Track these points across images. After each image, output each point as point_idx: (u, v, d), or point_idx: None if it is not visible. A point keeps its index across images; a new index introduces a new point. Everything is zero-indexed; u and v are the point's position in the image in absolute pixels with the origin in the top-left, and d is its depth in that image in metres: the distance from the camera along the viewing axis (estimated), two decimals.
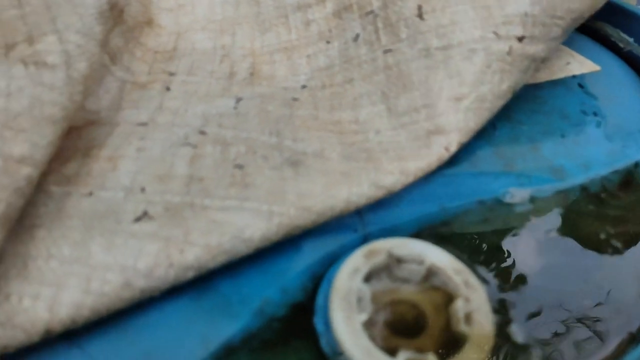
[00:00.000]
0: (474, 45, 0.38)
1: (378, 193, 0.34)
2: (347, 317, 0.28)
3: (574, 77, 0.47)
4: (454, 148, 0.36)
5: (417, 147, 0.36)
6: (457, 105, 0.37)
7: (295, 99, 0.41)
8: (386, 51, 0.40)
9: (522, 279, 0.34)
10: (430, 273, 0.31)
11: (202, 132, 0.36)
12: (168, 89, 0.41)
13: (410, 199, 0.37)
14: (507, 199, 0.37)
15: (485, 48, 0.38)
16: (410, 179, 0.35)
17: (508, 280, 0.34)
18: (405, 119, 0.38)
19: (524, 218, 0.37)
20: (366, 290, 0.30)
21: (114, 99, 0.40)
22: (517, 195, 0.38)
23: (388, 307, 0.31)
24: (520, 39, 0.39)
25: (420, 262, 0.31)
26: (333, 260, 0.34)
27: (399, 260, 0.31)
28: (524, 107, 0.43)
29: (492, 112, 0.38)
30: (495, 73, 0.38)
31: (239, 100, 0.40)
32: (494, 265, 0.35)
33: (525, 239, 0.36)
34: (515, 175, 0.38)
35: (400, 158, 0.36)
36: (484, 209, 0.37)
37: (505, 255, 0.35)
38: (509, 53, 0.38)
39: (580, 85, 0.46)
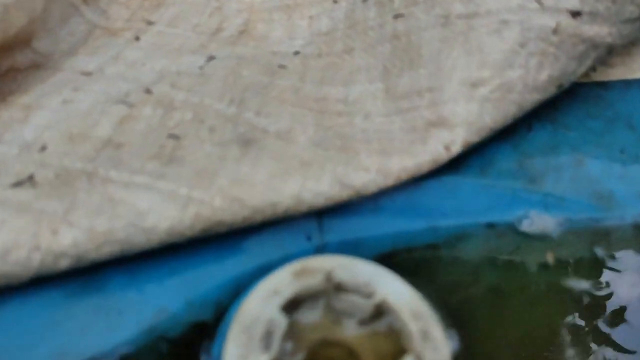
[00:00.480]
0: (507, 15, 0.28)
1: (342, 193, 0.26)
2: (241, 356, 0.21)
3: None
4: (457, 148, 0.27)
5: (409, 140, 0.28)
6: (471, 92, 0.28)
7: (281, 66, 0.33)
8: (397, 16, 0.31)
9: (512, 348, 0.25)
10: (380, 311, 0.23)
11: (148, 91, 0.30)
12: (137, 38, 0.35)
13: (391, 207, 0.28)
14: (525, 226, 0.28)
15: (522, 21, 0.28)
16: (389, 180, 0.27)
17: (491, 344, 0.25)
18: (403, 103, 0.29)
19: (542, 255, 0.27)
20: (281, 322, 0.22)
21: (76, 44, 0.35)
22: (540, 222, 0.28)
23: (314, 349, 0.22)
24: (575, 14, 0.29)
25: (368, 295, 0.23)
26: (268, 273, 0.26)
27: (339, 288, 0.23)
28: (577, 109, 0.33)
29: (523, 108, 0.29)
30: (532, 56, 0.28)
31: (210, 59, 0.33)
32: (478, 318, 0.26)
33: (539, 287, 0.27)
34: (542, 195, 0.28)
35: (384, 152, 0.27)
36: (491, 235, 0.28)
37: (501, 307, 0.26)
38: (556, 31, 0.28)
39: None
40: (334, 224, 0.28)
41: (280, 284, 0.23)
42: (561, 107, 0.33)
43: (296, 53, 0.35)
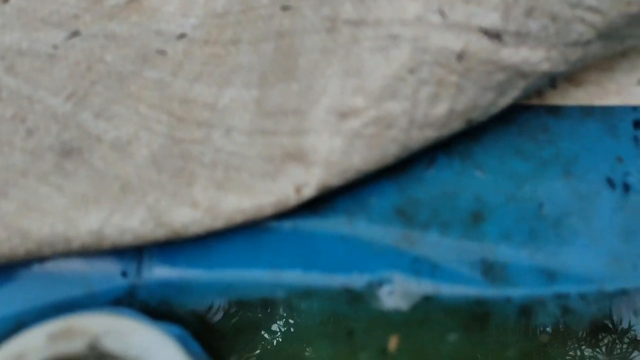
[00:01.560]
0: (399, 29, 0.22)
1: (156, 233, 0.22)
2: None
3: (634, 109, 0.29)
4: (309, 191, 0.22)
5: (261, 173, 0.23)
6: (339, 123, 0.22)
7: (160, 52, 0.28)
8: (285, 8, 0.26)
9: None
10: None
11: None
12: (6, 0, 0.30)
13: (227, 250, 0.24)
14: (383, 294, 0.23)
15: (416, 38, 0.22)
16: (218, 222, 0.22)
17: None
18: (269, 122, 0.24)
19: (384, 338, 0.22)
20: None
21: None
22: (402, 292, 0.23)
23: None
24: (493, 36, 0.22)
25: None
26: (66, 312, 0.22)
27: (103, 358, 0.19)
28: (505, 142, 0.27)
29: (408, 148, 0.23)
30: (423, 85, 0.22)
31: (73, 35, 0.28)
32: None
33: None
34: (415, 257, 0.23)
35: (222, 186, 0.23)
36: (339, 298, 0.23)
37: None
38: (462, 57, 0.22)
39: (637, 124, 0.28)
40: (156, 260, 0.24)
41: (30, 347, 0.19)
42: (483, 138, 0.27)
43: (182, 36, 0.30)
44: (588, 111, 0.29)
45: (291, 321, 0.24)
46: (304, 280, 0.24)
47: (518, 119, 0.29)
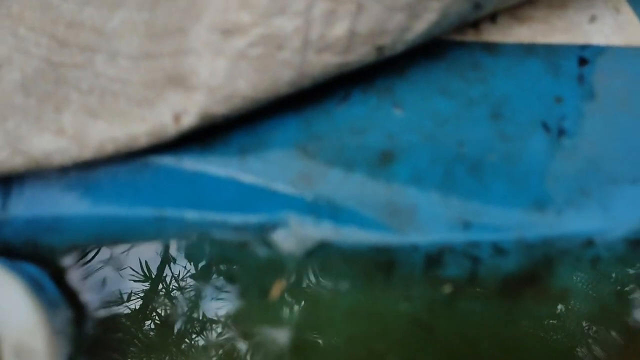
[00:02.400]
0: None
1: (14, 161, 0.20)
2: None
3: (582, 47, 0.26)
4: (189, 120, 0.20)
5: (139, 99, 0.20)
6: (222, 42, 0.20)
7: None
8: None
9: None
10: None
11: None
12: None
13: (106, 186, 0.21)
14: (278, 237, 0.20)
15: None
16: (86, 152, 0.20)
17: None
18: (154, 45, 0.21)
19: (270, 281, 0.20)
20: None
21: None
22: (297, 235, 0.20)
23: None
24: None
25: None
26: None
27: None
28: (432, 78, 0.24)
29: (306, 74, 0.20)
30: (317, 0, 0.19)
31: None
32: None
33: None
34: (314, 197, 0.21)
35: (94, 112, 0.20)
36: (227, 241, 0.20)
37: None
38: None
39: (583, 61, 0.25)
40: (25, 195, 0.21)
41: None
42: (407, 74, 0.24)
43: None
44: (529, 49, 0.26)
45: (169, 266, 0.21)
46: (187, 221, 0.21)
47: (449, 55, 0.26)
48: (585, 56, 0.26)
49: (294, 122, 0.23)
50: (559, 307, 0.21)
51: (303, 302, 0.21)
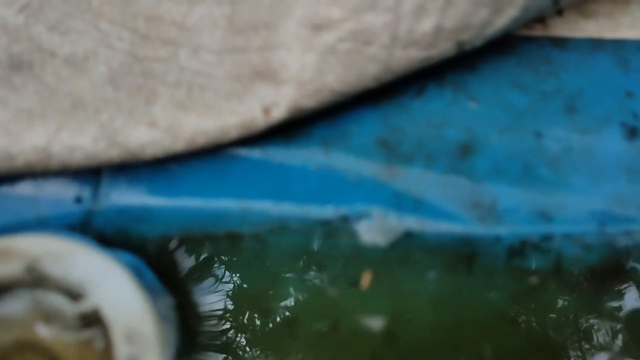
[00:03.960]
0: None
1: (110, 153, 0.21)
2: None
3: None
4: (279, 113, 0.21)
5: (227, 93, 0.21)
6: (312, 37, 0.20)
7: None
8: None
9: None
10: (90, 321, 0.18)
11: None
12: None
13: (193, 178, 0.22)
14: (362, 228, 0.21)
15: None
16: (179, 144, 0.21)
17: None
18: (239, 39, 0.22)
19: (357, 272, 0.21)
20: None
21: None
22: (382, 227, 0.21)
23: (5, 352, 0.18)
24: None
25: (77, 298, 0.18)
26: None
27: (43, 282, 0.18)
28: (504, 73, 0.25)
29: (391, 69, 0.21)
30: None
31: None
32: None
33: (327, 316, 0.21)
34: (398, 190, 0.21)
35: (185, 106, 0.21)
36: (314, 232, 0.21)
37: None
38: None
39: None
40: (116, 186, 0.22)
41: None
42: (479, 68, 0.25)
43: None
44: (597, 44, 0.27)
45: (257, 256, 0.22)
46: (273, 213, 0.22)
47: (519, 49, 0.26)
48: None
49: (373, 115, 0.24)
50: None
51: (390, 292, 0.21)
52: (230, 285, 0.22)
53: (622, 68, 0.26)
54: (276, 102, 0.22)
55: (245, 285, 0.22)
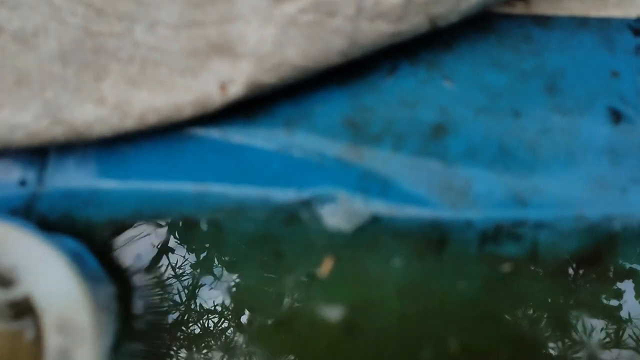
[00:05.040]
0: None
1: (54, 131, 0.19)
2: None
3: (637, 21, 0.25)
4: (237, 89, 0.19)
5: (182, 69, 0.20)
6: (271, 7, 0.19)
7: None
8: None
9: None
10: (25, 308, 0.17)
11: None
12: None
13: (145, 159, 0.21)
14: (326, 212, 0.20)
15: None
16: (128, 122, 0.19)
17: None
18: (197, 13, 0.21)
19: (318, 259, 0.20)
20: None
21: None
22: (346, 210, 0.20)
23: None
24: None
25: (9, 283, 0.16)
26: None
27: None
28: (482, 51, 0.23)
29: (358, 43, 0.20)
30: None
31: None
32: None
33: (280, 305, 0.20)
34: (364, 172, 0.20)
35: (136, 82, 0.20)
36: (274, 216, 0.20)
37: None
38: None
39: (636, 32, 0.25)
40: (63, 168, 0.21)
41: None
42: (456, 47, 0.24)
43: None
44: (582, 22, 0.26)
45: (213, 242, 0.21)
46: (231, 196, 0.21)
47: (498, 27, 0.25)
48: (638, 26, 0.25)
49: (340, 94, 0.23)
50: (623, 288, 0.21)
51: (353, 280, 0.20)
52: (183, 273, 0.21)
53: (608, 48, 0.25)
54: (233, 78, 0.20)
55: (198, 273, 0.21)
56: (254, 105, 0.22)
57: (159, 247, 0.21)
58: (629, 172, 0.21)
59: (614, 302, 0.21)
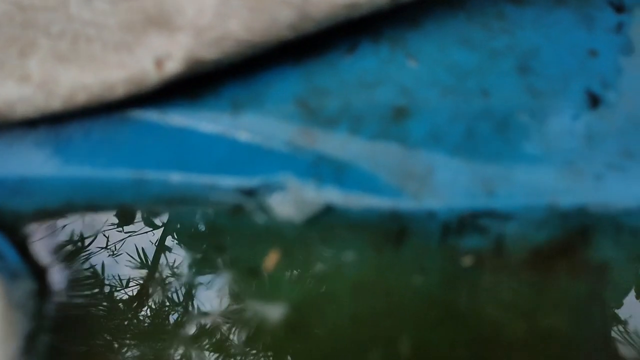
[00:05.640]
0: None
1: None
2: None
3: None
4: (174, 66, 0.18)
5: (116, 43, 0.18)
6: None
7: None
8: None
9: None
10: None
11: None
12: None
13: (78, 144, 0.19)
14: (274, 201, 0.18)
15: None
16: (55, 102, 0.18)
17: None
18: None
19: (263, 252, 0.18)
20: None
21: None
22: (296, 199, 0.18)
23: None
24: None
25: None
26: None
27: None
28: (451, 28, 0.22)
29: (310, 16, 0.18)
30: None
31: None
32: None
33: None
34: (317, 157, 0.18)
35: (65, 58, 0.18)
36: (221, 206, 0.18)
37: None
38: None
39: (620, 9, 0.23)
40: None
41: None
42: (423, 24, 0.22)
43: None
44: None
45: (149, 233, 0.19)
46: (171, 184, 0.19)
47: (469, 4, 0.23)
48: (622, 5, 0.24)
49: (294, 74, 0.21)
50: (596, 282, 0.19)
51: (302, 275, 0.18)
52: (116, 267, 0.19)
53: (586, 25, 0.23)
54: (170, 53, 0.18)
55: (133, 268, 0.19)
56: (198, 85, 0.20)
57: (90, 239, 0.19)
58: (605, 158, 0.20)
59: (585, 298, 0.19)
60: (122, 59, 0.19)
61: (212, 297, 0.18)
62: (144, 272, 0.19)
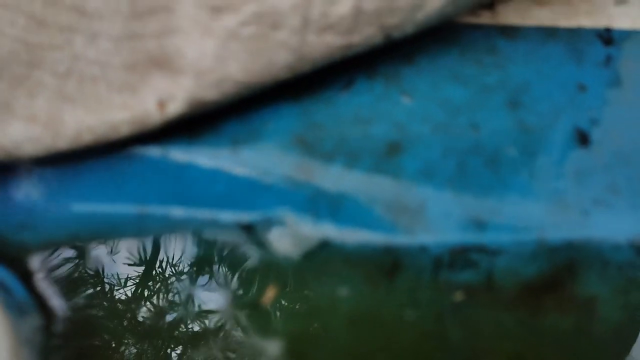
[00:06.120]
0: None
1: None
2: None
3: (607, 31, 0.24)
4: (176, 107, 0.18)
5: (120, 84, 0.19)
6: (211, 20, 0.18)
7: None
8: None
9: None
10: None
11: None
12: None
13: (85, 180, 0.20)
14: (273, 237, 0.19)
15: None
16: (61, 142, 0.19)
17: None
18: (138, 25, 0.20)
19: (262, 286, 0.19)
20: None
21: None
22: (295, 234, 0.19)
23: None
24: None
25: None
26: None
27: None
28: (443, 64, 0.22)
29: (306, 58, 0.19)
30: None
31: None
32: None
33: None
34: (314, 192, 0.19)
35: (71, 98, 0.19)
36: (210, 243, 0.19)
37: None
38: None
39: (608, 42, 0.24)
40: None
41: None
42: (418, 60, 0.23)
43: None
44: (550, 33, 0.25)
45: (152, 267, 0.20)
46: (173, 219, 0.20)
47: (462, 39, 0.24)
48: (610, 41, 0.24)
49: (292, 110, 0.22)
50: (584, 317, 0.20)
51: (299, 309, 0.19)
52: (119, 301, 0.20)
53: (576, 59, 0.24)
54: (172, 95, 0.19)
55: (133, 301, 0.20)
56: (198, 122, 0.21)
57: (95, 272, 0.20)
58: (592, 193, 0.20)
59: (573, 332, 0.20)
60: (126, 100, 0.20)
61: (211, 331, 0.19)
62: (147, 306, 0.20)
